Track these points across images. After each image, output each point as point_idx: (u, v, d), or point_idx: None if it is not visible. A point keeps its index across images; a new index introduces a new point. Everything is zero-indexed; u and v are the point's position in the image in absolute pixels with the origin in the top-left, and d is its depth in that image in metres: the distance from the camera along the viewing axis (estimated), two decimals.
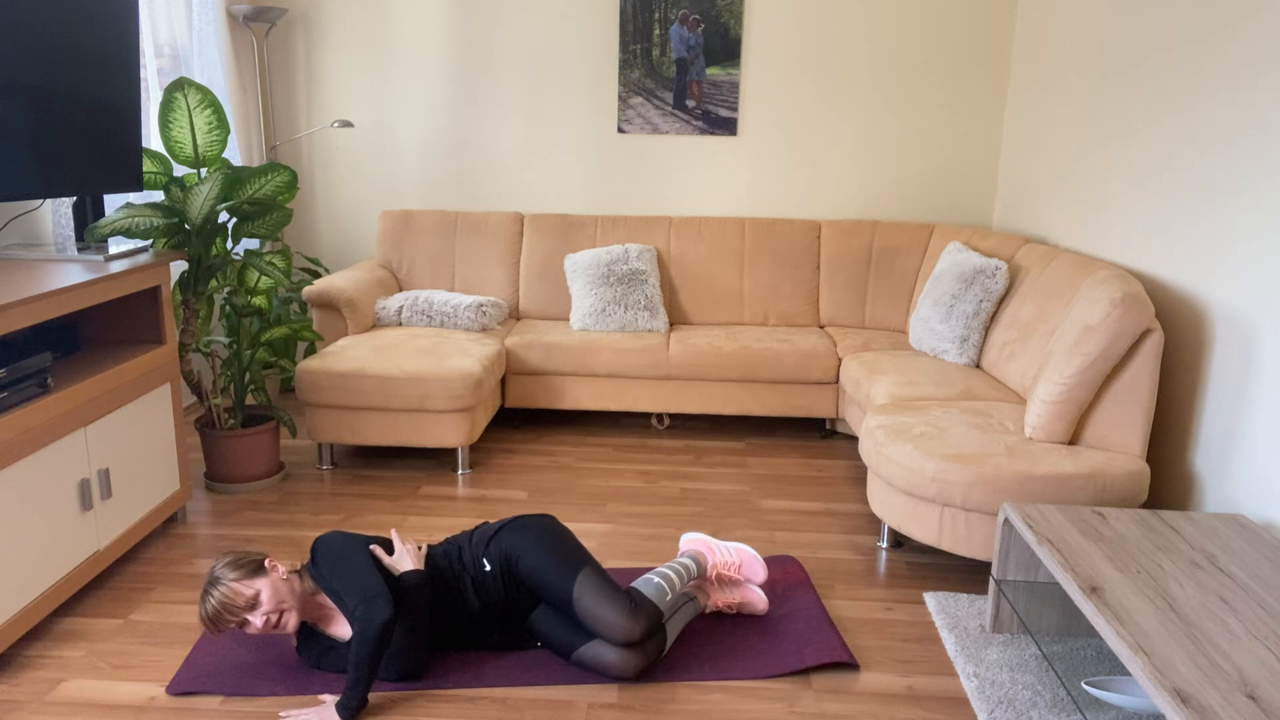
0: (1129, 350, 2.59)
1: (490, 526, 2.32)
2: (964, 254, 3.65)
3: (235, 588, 2.05)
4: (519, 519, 2.31)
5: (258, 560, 2.12)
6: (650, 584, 2.25)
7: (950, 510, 2.58)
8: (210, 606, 2.05)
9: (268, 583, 2.08)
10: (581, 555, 2.23)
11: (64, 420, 2.37)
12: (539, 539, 2.24)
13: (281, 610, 2.08)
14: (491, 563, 2.24)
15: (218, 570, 2.09)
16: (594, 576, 2.17)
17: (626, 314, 3.95)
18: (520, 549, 2.22)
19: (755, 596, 2.47)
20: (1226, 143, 2.62)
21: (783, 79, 4.35)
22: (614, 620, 2.11)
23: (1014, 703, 2.12)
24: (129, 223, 2.87)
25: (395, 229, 4.31)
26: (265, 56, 4.40)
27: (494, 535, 2.28)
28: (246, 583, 2.06)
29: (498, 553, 2.25)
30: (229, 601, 2.04)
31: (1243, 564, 2.00)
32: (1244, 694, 1.52)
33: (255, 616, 2.06)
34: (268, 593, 2.07)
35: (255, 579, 2.08)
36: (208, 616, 2.05)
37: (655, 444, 3.88)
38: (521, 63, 4.40)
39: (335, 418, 3.45)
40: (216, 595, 2.05)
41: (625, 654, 2.15)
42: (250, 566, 2.10)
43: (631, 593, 2.20)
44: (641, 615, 2.14)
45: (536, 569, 2.19)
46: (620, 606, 2.12)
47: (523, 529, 2.26)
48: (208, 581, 2.08)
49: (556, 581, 2.17)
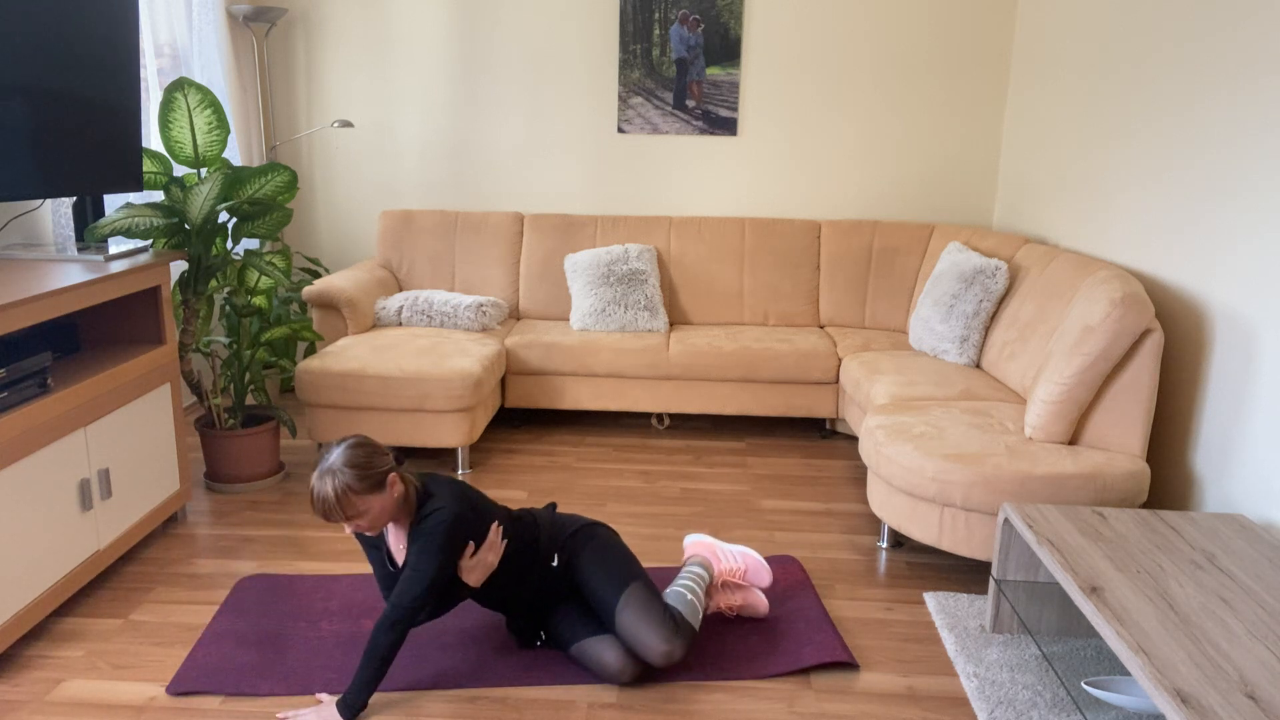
0: (1129, 350, 2.59)
1: (564, 522, 2.33)
2: (964, 254, 3.65)
3: (353, 500, 1.95)
4: (592, 529, 2.33)
5: (381, 475, 2.00)
6: (684, 600, 2.27)
7: (950, 510, 2.58)
8: (321, 500, 1.95)
9: (382, 500, 2.00)
10: (635, 569, 2.25)
11: (64, 420, 2.37)
12: (603, 552, 2.27)
13: (374, 526, 2.03)
14: (559, 562, 2.27)
15: (341, 467, 1.96)
16: (640, 594, 2.18)
17: (626, 314, 3.95)
18: (585, 558, 2.26)
19: (757, 599, 2.47)
20: (1226, 143, 2.62)
21: (783, 79, 4.35)
22: (654, 643, 2.13)
23: (1014, 703, 2.12)
24: (129, 223, 2.87)
25: (395, 229, 4.31)
26: (265, 56, 4.40)
27: (569, 536, 2.30)
28: (362, 498, 1.97)
29: (565, 555, 2.28)
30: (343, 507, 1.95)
31: (1243, 564, 2.00)
32: (1244, 694, 1.52)
33: (355, 525, 1.99)
34: (374, 513, 2.00)
35: (372, 495, 1.98)
36: (320, 510, 1.96)
37: (655, 444, 3.88)
38: (521, 63, 4.39)
39: (335, 418, 3.45)
40: (328, 493, 1.94)
41: (626, 660, 2.16)
42: (372, 480, 1.98)
43: (671, 612, 2.21)
44: (681, 639, 2.16)
45: (593, 578, 2.22)
46: (662, 629, 2.14)
47: (589, 538, 2.30)
48: (326, 470, 1.96)
49: (605, 593, 2.19)
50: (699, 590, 2.33)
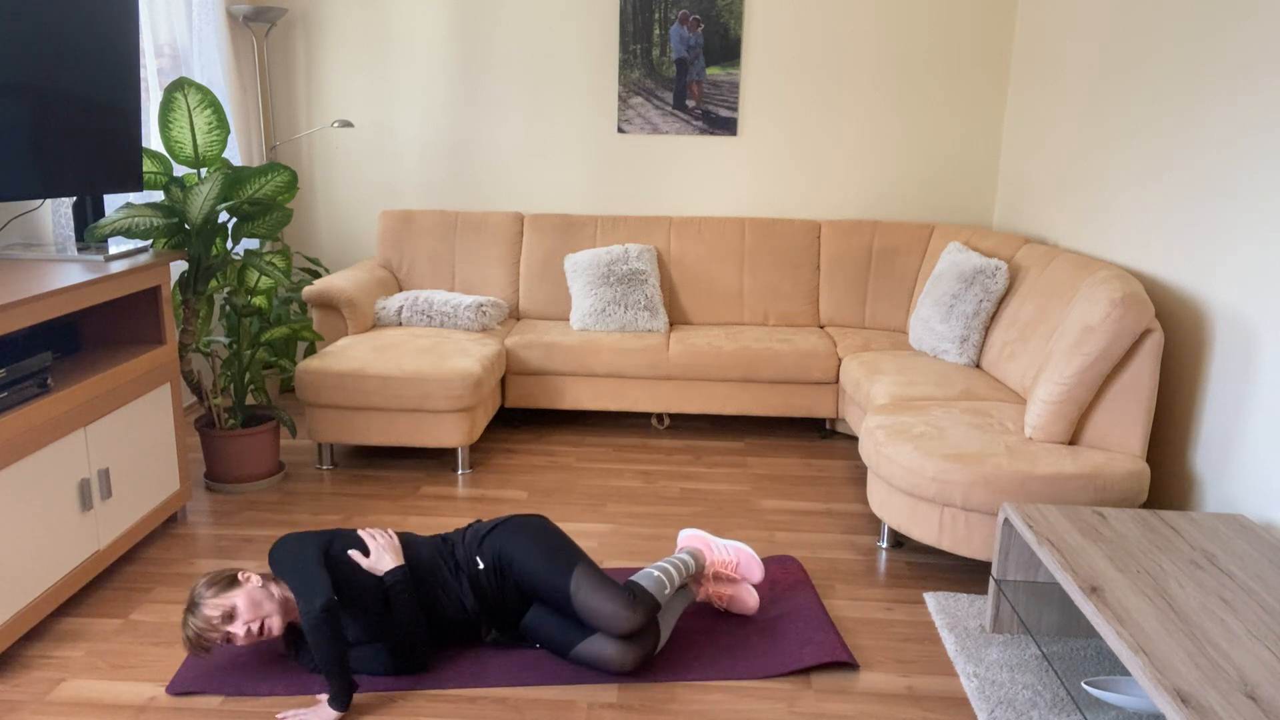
0: (1129, 350, 2.59)
1: (483, 525, 2.33)
2: (964, 254, 3.65)
3: (211, 604, 2.08)
4: (512, 519, 2.32)
5: (231, 574, 2.14)
6: (650, 577, 2.26)
7: (950, 510, 2.58)
8: (192, 627, 2.07)
9: (243, 593, 2.10)
10: (575, 552, 2.24)
11: (64, 420, 2.37)
12: (533, 539, 2.25)
13: (262, 618, 2.10)
14: (485, 561, 2.25)
15: (194, 593, 2.11)
16: (589, 571, 2.18)
17: (626, 314, 3.95)
18: (515, 550, 2.23)
19: (747, 595, 2.46)
20: (1226, 143, 2.62)
21: (783, 79, 4.35)
22: (613, 610, 2.12)
23: (1014, 703, 2.12)
24: (129, 223, 2.87)
25: (395, 229, 4.31)
26: (265, 56, 4.40)
27: (487, 534, 2.29)
28: (223, 596, 2.09)
29: (491, 551, 2.26)
30: (208, 618, 2.07)
31: (1243, 564, 2.00)
32: (1244, 694, 1.52)
33: (236, 628, 2.07)
34: (244, 603, 2.09)
35: (230, 591, 2.10)
36: (191, 639, 2.08)
37: (655, 444, 3.88)
38: (521, 63, 4.39)
39: (335, 418, 3.45)
40: (195, 615, 2.08)
41: (623, 648, 2.16)
42: (224, 581, 2.12)
43: (630, 585, 2.21)
44: (640, 605, 2.15)
45: (532, 567, 2.20)
46: (619, 597, 2.13)
47: (517, 530, 2.28)
48: (186, 607, 2.10)
49: (552, 579, 2.18)
50: (673, 572, 2.31)
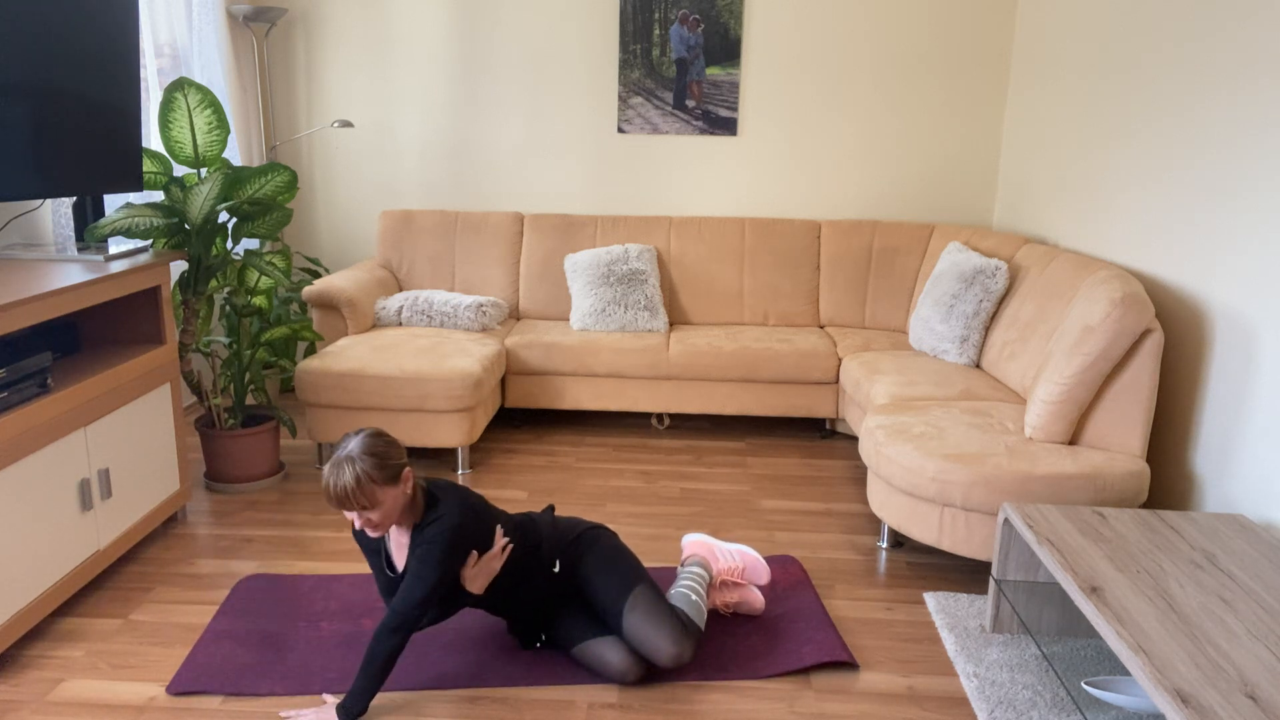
0: (1129, 350, 2.59)
1: (565, 527, 2.32)
2: (964, 254, 3.65)
3: (368, 490, 1.94)
4: (591, 532, 2.32)
5: (398, 467, 2.00)
6: (689, 602, 2.28)
7: (950, 510, 2.58)
8: (337, 486, 1.93)
9: (396, 494, 1.99)
10: (639, 573, 2.26)
11: (64, 420, 2.37)
12: (605, 555, 2.27)
13: (383, 523, 2.01)
14: (561, 567, 2.27)
15: (360, 454, 1.95)
16: (648, 594, 2.19)
17: (626, 314, 3.95)
18: (588, 563, 2.26)
19: (753, 596, 2.47)
20: (1226, 143, 2.62)
21: (783, 79, 4.35)
22: (664, 645, 2.13)
23: (1014, 703, 2.12)
24: (129, 223, 2.87)
25: (395, 229, 4.31)
26: (265, 56, 4.40)
27: (571, 542, 2.29)
28: (379, 488, 1.95)
29: (570, 561, 2.27)
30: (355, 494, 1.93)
31: (1243, 564, 2.00)
32: (1244, 694, 1.52)
33: (361, 516, 1.98)
34: (387, 507, 1.99)
35: (388, 487, 1.97)
36: (328, 491, 1.95)
37: (655, 444, 3.88)
38: (521, 63, 4.39)
39: (335, 418, 3.45)
40: (346, 480, 1.93)
41: (631, 660, 2.16)
42: (390, 471, 1.97)
43: (678, 613, 2.22)
44: (690, 640, 2.17)
45: (597, 585, 2.22)
46: (671, 631, 2.14)
47: (593, 544, 2.29)
48: (345, 457, 1.95)
49: (612, 595, 2.20)
50: (701, 590, 2.34)
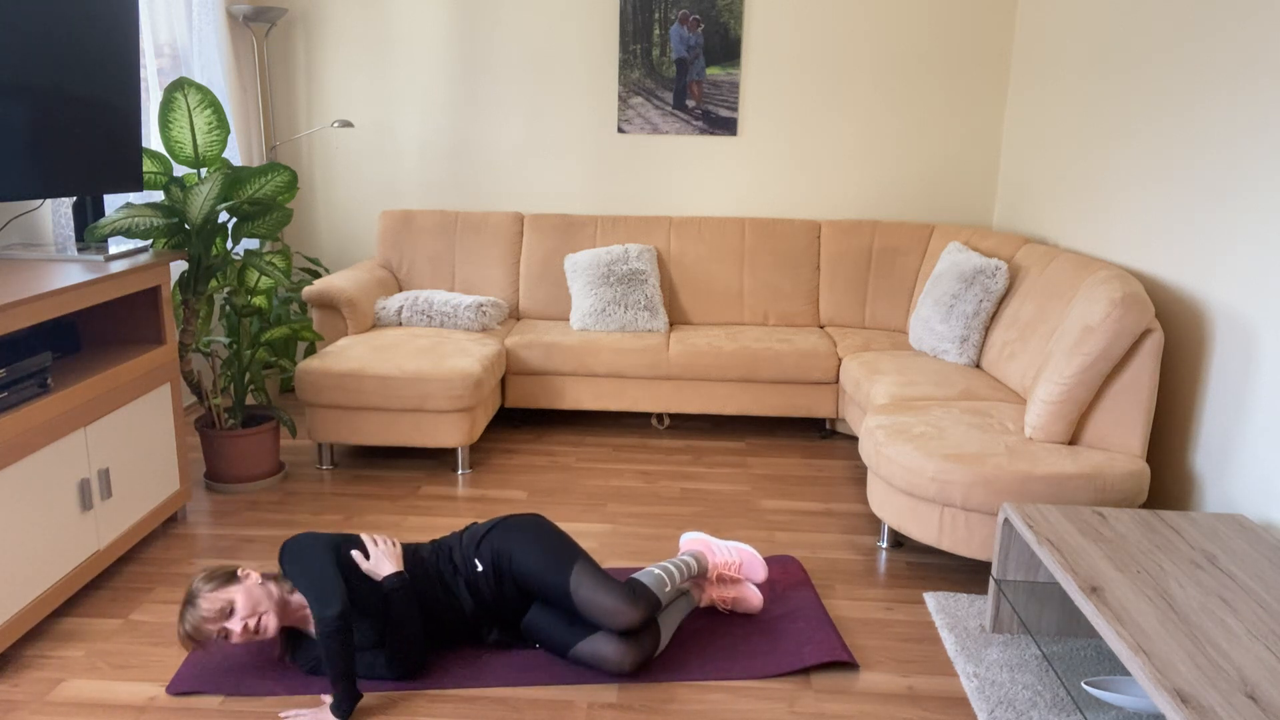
0: (1129, 350, 2.59)
1: (480, 527, 2.33)
2: (964, 254, 3.65)
3: (209, 598, 2.06)
4: (509, 519, 2.32)
5: (230, 570, 2.14)
6: (650, 575, 2.27)
7: (950, 510, 2.58)
8: (188, 621, 2.06)
9: (241, 589, 2.09)
10: (574, 549, 2.24)
11: (64, 420, 2.37)
12: (531, 537, 2.25)
13: (259, 614, 2.08)
14: (483, 563, 2.25)
15: (192, 587, 2.10)
16: (589, 567, 2.19)
17: (626, 314, 3.95)
18: (513, 548, 2.23)
19: (751, 594, 2.47)
20: (1226, 143, 2.62)
21: (783, 79, 4.35)
22: (613, 605, 2.12)
23: (1014, 703, 2.12)
24: (129, 223, 2.87)
25: (395, 229, 4.31)
26: (265, 56, 4.40)
27: (484, 535, 2.28)
28: (220, 591, 2.08)
29: (489, 552, 2.25)
30: (205, 611, 2.06)
31: (1243, 564, 2.00)
32: (1244, 694, 1.52)
33: (233, 624, 2.06)
34: (242, 599, 2.08)
35: (229, 587, 2.09)
36: (186, 633, 2.07)
37: (655, 444, 3.88)
38: (521, 63, 4.39)
39: (335, 418, 3.45)
40: (193, 609, 2.06)
41: (623, 647, 2.16)
42: (223, 577, 2.11)
43: (631, 582, 2.21)
44: (641, 601, 2.16)
45: (531, 566, 2.20)
46: (619, 592, 2.14)
47: (513, 528, 2.28)
48: (184, 601, 2.09)
49: (552, 576, 2.18)
50: (674, 571, 2.32)
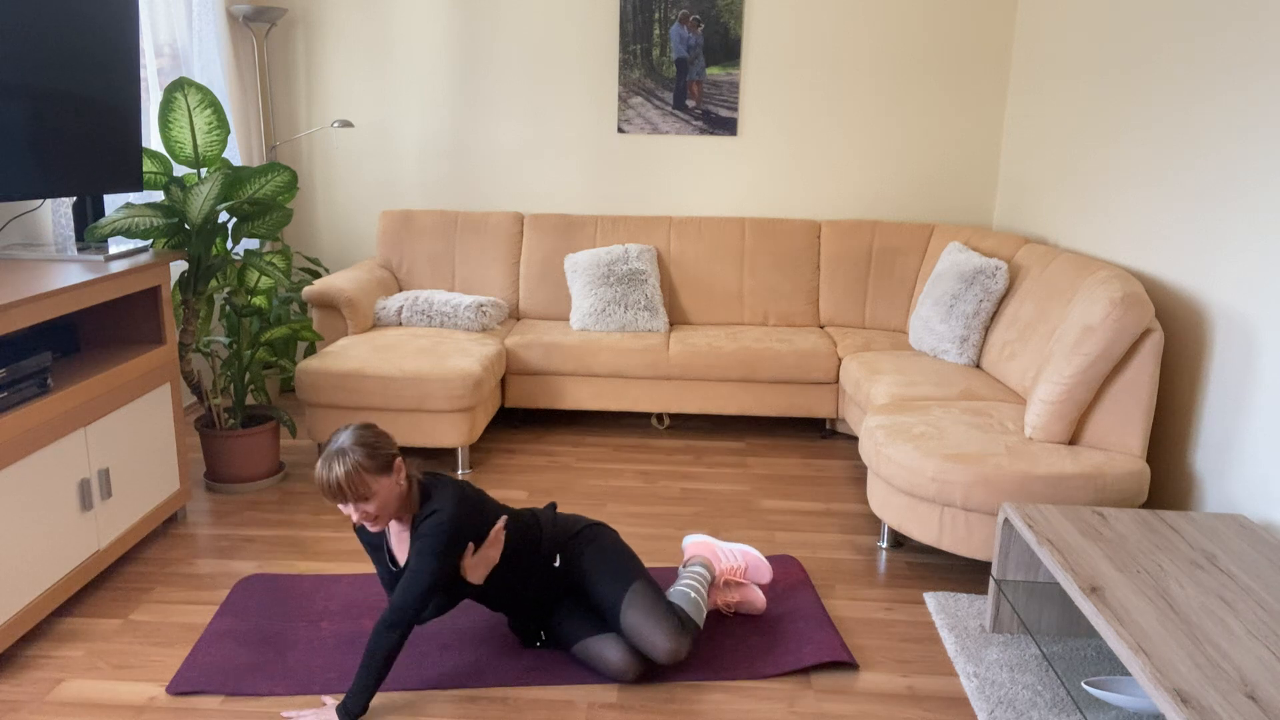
0: (1129, 350, 2.59)
1: (567, 523, 2.33)
2: (964, 254, 3.65)
3: (361, 477, 1.95)
4: (596, 530, 2.33)
5: (390, 456, 2.02)
6: (687, 599, 2.29)
7: (950, 510, 2.58)
8: (331, 479, 1.95)
9: (389, 485, 2.01)
10: (637, 568, 2.26)
11: (64, 420, 2.37)
12: (608, 554, 2.27)
13: (378, 516, 2.02)
14: (562, 562, 2.27)
15: (351, 445, 1.97)
16: (645, 590, 2.20)
17: (626, 314, 3.95)
18: (588, 560, 2.26)
19: (755, 595, 2.47)
20: (1226, 143, 2.62)
21: (783, 79, 4.35)
22: (660, 641, 2.14)
23: (1014, 703, 2.12)
24: (129, 223, 2.87)
25: (395, 229, 4.31)
26: (265, 56, 4.40)
27: (572, 537, 2.30)
28: (372, 477, 1.97)
29: (569, 554, 2.28)
30: (348, 484, 1.95)
31: (1243, 564, 2.00)
32: (1244, 694, 1.52)
33: (357, 509, 1.99)
34: (382, 498, 2.00)
35: (381, 477, 1.99)
36: (322, 483, 1.96)
37: (655, 444, 3.88)
38: (521, 63, 4.39)
39: (335, 418, 3.45)
40: (338, 471, 1.94)
41: (631, 658, 2.16)
42: (382, 460, 1.99)
43: (676, 610, 2.22)
44: (687, 637, 2.17)
45: (597, 579, 2.23)
46: (668, 627, 2.15)
47: (596, 542, 2.29)
48: (336, 450, 1.96)
49: (609, 590, 2.20)
50: (701, 589, 2.34)
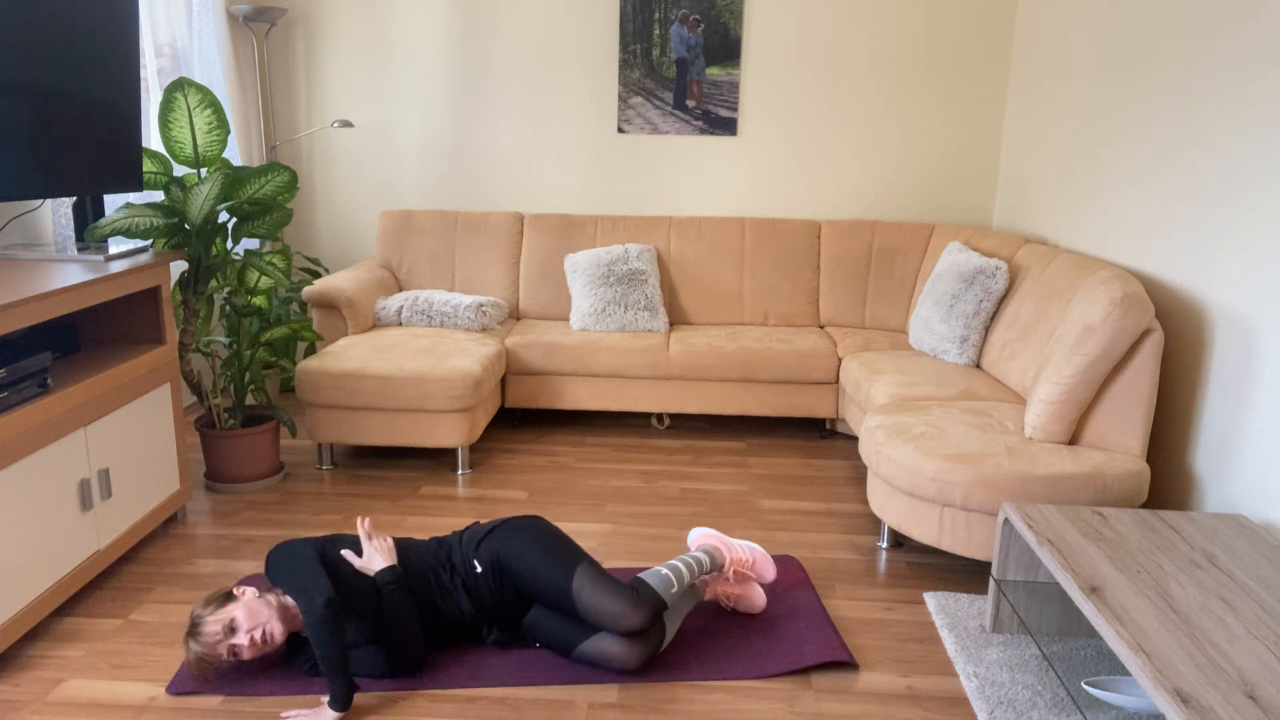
0: (1129, 350, 2.59)
1: (480, 528, 2.33)
2: (964, 254, 3.65)
3: (211, 620, 2.09)
4: (510, 521, 2.31)
5: (225, 590, 2.17)
6: (657, 575, 2.26)
7: (950, 510, 2.58)
8: (196, 648, 2.08)
9: (240, 605, 2.12)
10: (576, 551, 2.24)
11: (64, 420, 2.37)
12: (533, 540, 2.24)
13: (262, 625, 2.10)
14: (483, 564, 2.25)
15: (193, 615, 2.12)
16: (591, 570, 2.18)
17: (626, 314, 3.95)
18: (514, 552, 2.23)
19: (756, 594, 2.47)
20: (1226, 143, 2.62)
21: (783, 79, 4.35)
22: (617, 609, 2.12)
23: (1014, 703, 2.12)
24: (129, 223, 2.87)
25: (395, 229, 4.31)
26: (265, 56, 4.40)
27: (484, 537, 2.28)
28: (221, 612, 2.10)
29: (489, 554, 2.25)
30: (210, 634, 2.07)
31: (1243, 564, 2.00)
32: (1244, 694, 1.52)
33: (239, 639, 2.08)
34: (242, 614, 2.10)
35: (227, 606, 2.12)
36: (198, 656, 2.08)
37: (655, 444, 3.88)
38: (521, 63, 4.39)
39: (335, 418, 3.45)
40: (199, 635, 2.08)
41: (628, 646, 2.16)
42: (220, 598, 2.14)
43: (635, 583, 2.21)
44: (645, 604, 2.15)
45: (533, 570, 2.20)
46: (623, 595, 2.14)
47: (515, 530, 2.27)
48: (187, 632, 2.10)
49: (554, 579, 2.17)
50: (683, 570, 2.31)
